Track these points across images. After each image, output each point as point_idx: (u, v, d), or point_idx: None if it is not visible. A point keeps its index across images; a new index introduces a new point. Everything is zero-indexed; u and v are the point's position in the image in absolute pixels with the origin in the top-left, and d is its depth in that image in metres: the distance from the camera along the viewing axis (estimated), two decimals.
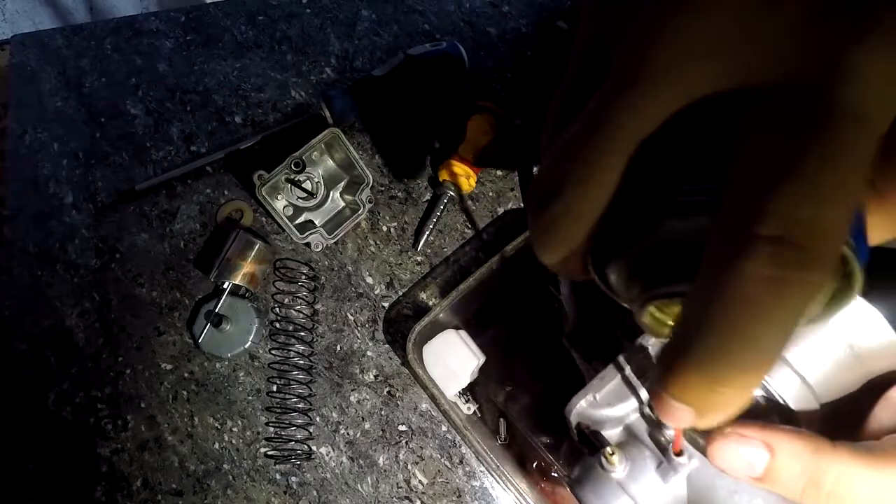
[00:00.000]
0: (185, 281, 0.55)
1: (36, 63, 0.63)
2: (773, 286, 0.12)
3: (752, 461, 0.20)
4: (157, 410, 0.53)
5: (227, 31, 0.62)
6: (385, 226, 0.55)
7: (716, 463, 0.20)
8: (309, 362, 0.52)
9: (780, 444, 0.19)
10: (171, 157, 0.59)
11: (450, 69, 0.55)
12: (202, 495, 0.50)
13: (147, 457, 0.52)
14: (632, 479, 0.25)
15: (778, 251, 0.12)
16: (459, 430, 0.44)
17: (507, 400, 0.50)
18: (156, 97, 0.61)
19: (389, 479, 0.50)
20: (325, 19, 0.62)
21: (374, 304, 0.54)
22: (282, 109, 0.59)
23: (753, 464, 0.20)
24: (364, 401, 0.52)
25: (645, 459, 0.25)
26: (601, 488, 0.25)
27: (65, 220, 0.58)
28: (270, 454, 0.51)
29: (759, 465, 0.20)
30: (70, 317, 0.55)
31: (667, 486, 0.24)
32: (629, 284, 0.17)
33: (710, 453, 0.20)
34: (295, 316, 0.53)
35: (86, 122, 0.60)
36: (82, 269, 0.56)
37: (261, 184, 0.50)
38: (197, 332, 0.52)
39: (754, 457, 0.20)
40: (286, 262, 0.54)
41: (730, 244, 0.12)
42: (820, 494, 0.19)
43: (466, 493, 0.49)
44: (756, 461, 0.20)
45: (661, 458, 0.25)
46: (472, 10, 0.61)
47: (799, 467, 0.19)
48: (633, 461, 0.25)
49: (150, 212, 0.57)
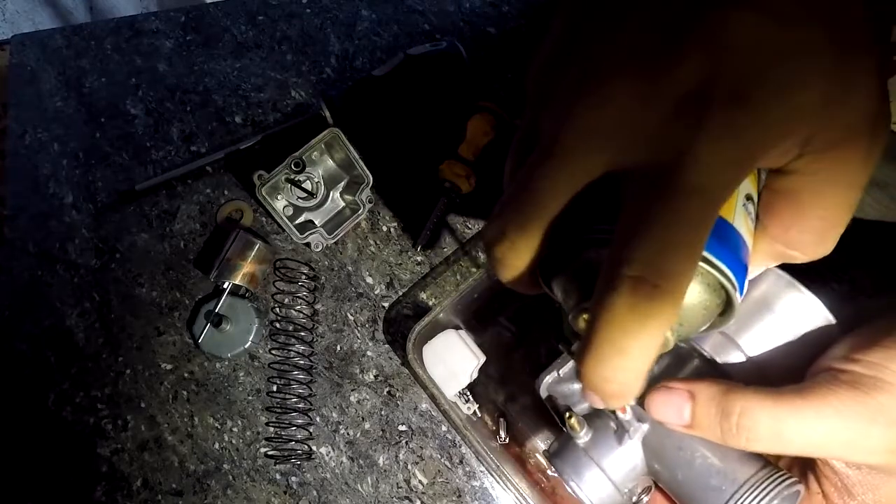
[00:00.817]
0: (185, 281, 0.55)
1: (36, 63, 0.63)
2: (634, 311, 0.16)
3: (679, 408, 0.24)
4: (157, 410, 0.53)
5: (227, 31, 0.62)
6: (385, 226, 0.55)
7: (652, 414, 0.25)
8: (309, 362, 0.52)
9: (699, 390, 0.24)
10: (171, 157, 0.59)
11: (450, 69, 0.55)
12: (202, 495, 0.50)
13: (147, 457, 0.52)
14: (594, 445, 0.29)
15: (636, 287, 0.16)
16: (459, 430, 0.44)
17: (507, 400, 0.50)
18: (156, 97, 0.61)
19: (389, 479, 0.50)
20: (325, 19, 0.62)
21: (374, 304, 0.54)
22: (282, 109, 0.59)
23: (681, 411, 0.24)
24: (364, 401, 0.52)
25: (606, 428, 0.29)
26: (570, 456, 0.29)
27: (65, 220, 0.58)
28: (270, 454, 0.51)
29: (685, 411, 0.24)
30: (70, 317, 0.55)
31: (624, 449, 0.28)
32: (566, 297, 0.21)
33: (647, 406, 0.25)
34: (295, 316, 0.53)
35: (86, 122, 0.60)
36: (82, 269, 0.56)
37: (261, 184, 0.50)
38: (197, 332, 0.52)
39: (680, 404, 0.24)
40: (286, 262, 0.54)
41: (609, 279, 0.16)
42: (731, 427, 0.23)
43: (466, 493, 0.49)
44: (683, 408, 0.24)
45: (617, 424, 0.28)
46: (472, 10, 0.61)
47: (714, 407, 0.23)
48: (596, 430, 0.29)
49: (150, 212, 0.57)
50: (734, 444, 0.23)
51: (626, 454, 0.28)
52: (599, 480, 0.28)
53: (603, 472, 0.28)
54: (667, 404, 0.24)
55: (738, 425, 0.23)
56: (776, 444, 0.23)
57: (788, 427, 0.22)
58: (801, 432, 0.22)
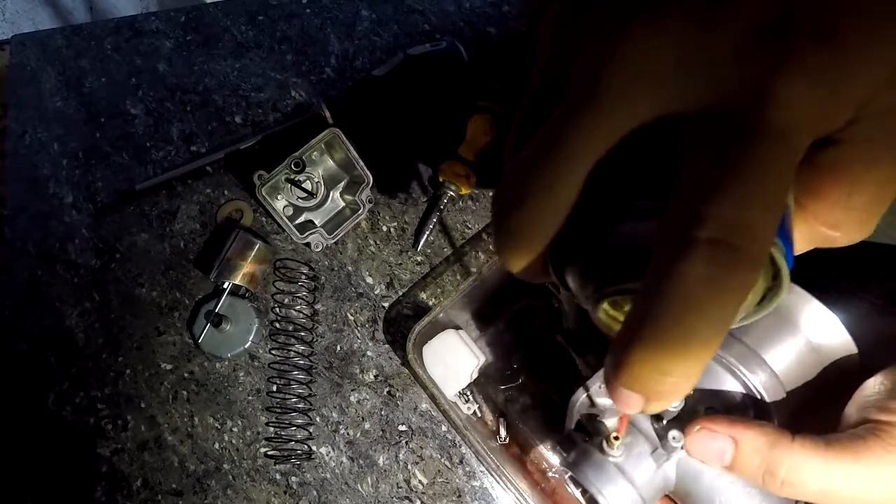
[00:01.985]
0: (185, 281, 0.55)
1: (36, 63, 0.63)
2: (710, 284, 0.13)
3: (720, 452, 0.23)
4: (157, 410, 0.53)
5: (227, 31, 0.62)
6: (385, 226, 0.55)
7: (691, 454, 0.24)
8: (309, 362, 0.52)
9: (743, 438, 0.23)
10: (171, 157, 0.59)
11: (450, 69, 0.55)
12: (202, 495, 0.50)
13: (147, 457, 0.52)
14: (628, 462, 0.27)
15: (714, 252, 0.13)
16: (459, 430, 0.44)
17: (507, 400, 0.50)
18: (156, 97, 0.61)
19: (389, 479, 0.50)
20: (325, 19, 0.62)
21: (374, 304, 0.54)
22: (282, 109, 0.59)
23: (722, 455, 0.23)
24: (364, 401, 0.52)
25: (640, 445, 0.28)
26: (600, 470, 0.27)
27: (65, 220, 0.58)
28: (270, 454, 0.51)
29: (726, 455, 0.23)
30: (70, 317, 0.55)
31: (659, 470, 0.27)
32: (585, 283, 0.18)
33: (686, 446, 0.24)
34: (295, 316, 0.53)
35: (86, 122, 0.60)
36: (82, 269, 0.56)
37: (261, 184, 0.50)
38: (197, 332, 0.52)
39: (722, 449, 0.23)
40: (286, 262, 0.54)
41: (673, 246, 0.14)
42: (776, 482, 0.22)
43: (466, 493, 0.49)
44: (724, 452, 0.23)
45: (657, 444, 0.27)
46: (472, 10, 0.61)
47: (759, 458, 0.23)
48: (628, 447, 0.28)
49: (150, 212, 0.57)
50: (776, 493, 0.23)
51: (659, 473, 0.28)
52: (629, 497, 0.27)
53: (635, 489, 0.27)
54: (708, 446, 0.24)
55: (784, 481, 0.22)
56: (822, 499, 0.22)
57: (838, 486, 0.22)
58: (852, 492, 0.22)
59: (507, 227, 0.17)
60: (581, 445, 0.29)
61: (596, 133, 0.15)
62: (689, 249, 0.13)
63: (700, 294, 0.13)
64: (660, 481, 0.27)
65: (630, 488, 0.27)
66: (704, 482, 0.27)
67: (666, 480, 0.27)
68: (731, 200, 0.13)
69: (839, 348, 0.27)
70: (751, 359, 0.28)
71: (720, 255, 0.13)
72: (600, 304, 0.17)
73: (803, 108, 0.14)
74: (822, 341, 0.27)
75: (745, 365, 0.28)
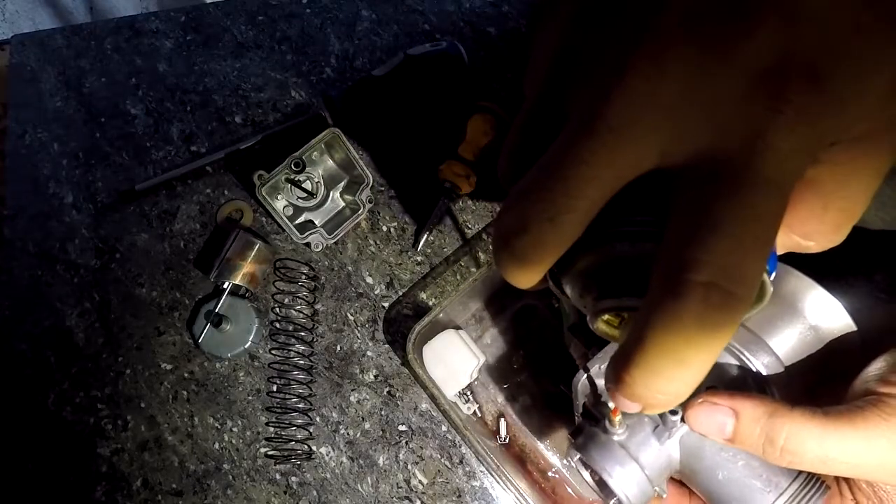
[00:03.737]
0: (185, 281, 0.55)
1: (36, 63, 0.63)
2: (703, 321, 0.14)
3: (721, 425, 0.24)
4: (157, 410, 0.53)
5: (227, 31, 0.62)
6: (385, 226, 0.55)
7: (692, 427, 0.25)
8: (309, 362, 0.52)
9: (743, 409, 0.24)
10: (171, 157, 0.59)
11: (450, 69, 0.55)
12: (202, 495, 0.50)
13: (147, 457, 0.52)
14: (631, 440, 0.28)
15: (707, 294, 0.14)
16: (459, 430, 0.44)
17: (507, 400, 0.50)
18: (156, 97, 0.61)
19: (389, 479, 0.50)
20: (325, 19, 0.62)
21: (374, 304, 0.54)
22: (282, 109, 0.59)
23: (723, 427, 0.24)
24: (364, 401, 0.52)
25: (643, 424, 0.28)
26: (606, 451, 0.28)
27: (65, 220, 0.58)
28: (270, 454, 0.51)
29: (727, 427, 0.24)
30: (70, 317, 0.55)
31: (662, 446, 0.28)
32: (583, 295, 0.19)
33: (688, 420, 0.25)
34: (295, 316, 0.53)
35: (86, 122, 0.60)
36: (82, 269, 0.56)
37: (261, 184, 0.50)
38: (197, 332, 0.52)
39: (723, 421, 0.24)
40: (286, 262, 0.54)
41: (670, 285, 0.15)
42: (776, 450, 0.23)
43: (466, 493, 0.49)
44: (725, 424, 0.24)
45: (658, 421, 0.28)
46: (472, 10, 0.61)
47: (758, 428, 0.23)
48: (631, 426, 0.28)
49: (150, 212, 0.57)
50: (776, 463, 0.24)
51: (663, 451, 0.28)
52: (635, 476, 0.28)
53: (641, 468, 0.28)
54: (709, 419, 0.24)
55: (783, 449, 0.23)
56: (821, 467, 0.23)
57: (835, 453, 0.22)
58: (848, 459, 0.22)
59: (511, 250, 0.17)
60: (588, 429, 0.30)
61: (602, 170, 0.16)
62: (685, 290, 0.14)
63: (693, 331, 0.14)
64: (664, 459, 0.28)
65: (636, 467, 0.27)
66: (706, 458, 0.27)
67: (670, 459, 0.28)
68: (725, 247, 0.14)
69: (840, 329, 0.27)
70: (753, 342, 0.28)
71: (713, 298, 0.14)
72: (599, 316, 0.18)
73: (796, 158, 0.15)
74: (823, 324, 0.28)
75: (747, 348, 0.28)
